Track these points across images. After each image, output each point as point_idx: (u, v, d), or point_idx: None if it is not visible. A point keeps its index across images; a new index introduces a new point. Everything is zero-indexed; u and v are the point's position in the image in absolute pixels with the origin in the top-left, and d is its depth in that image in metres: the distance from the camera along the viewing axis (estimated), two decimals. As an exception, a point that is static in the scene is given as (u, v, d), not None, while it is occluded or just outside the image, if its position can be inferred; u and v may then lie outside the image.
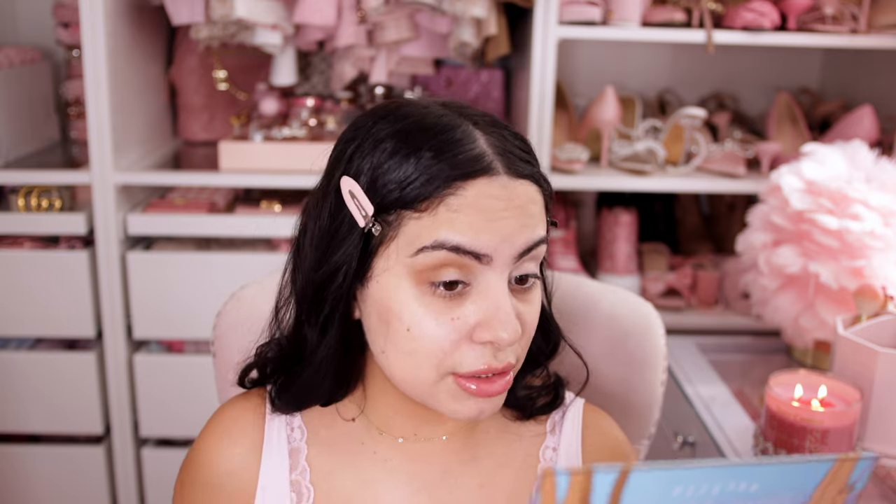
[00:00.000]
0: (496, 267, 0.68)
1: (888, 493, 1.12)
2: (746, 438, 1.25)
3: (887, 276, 1.32)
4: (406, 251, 0.68)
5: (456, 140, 0.69)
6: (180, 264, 1.66)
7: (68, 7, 1.89)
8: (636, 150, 1.78)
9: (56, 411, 1.71)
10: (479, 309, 0.68)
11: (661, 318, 1.07)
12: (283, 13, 1.65)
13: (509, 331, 0.68)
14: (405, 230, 0.68)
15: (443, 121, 0.71)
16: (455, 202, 0.67)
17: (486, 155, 0.69)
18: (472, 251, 0.67)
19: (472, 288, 0.69)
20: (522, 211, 0.69)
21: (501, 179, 0.69)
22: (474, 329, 0.69)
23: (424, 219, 0.67)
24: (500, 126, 0.73)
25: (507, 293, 0.69)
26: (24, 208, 1.65)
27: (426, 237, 0.67)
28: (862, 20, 1.68)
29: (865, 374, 1.16)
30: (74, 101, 1.96)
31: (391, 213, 0.69)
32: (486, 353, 0.69)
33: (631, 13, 1.66)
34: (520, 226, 0.69)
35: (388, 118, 0.72)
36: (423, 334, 0.68)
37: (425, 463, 0.80)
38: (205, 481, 0.80)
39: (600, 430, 0.85)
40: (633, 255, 1.92)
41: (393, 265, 0.69)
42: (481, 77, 2.03)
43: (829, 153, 1.43)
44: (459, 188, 0.67)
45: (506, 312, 0.68)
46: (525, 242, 0.69)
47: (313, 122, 1.78)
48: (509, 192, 0.69)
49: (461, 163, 0.68)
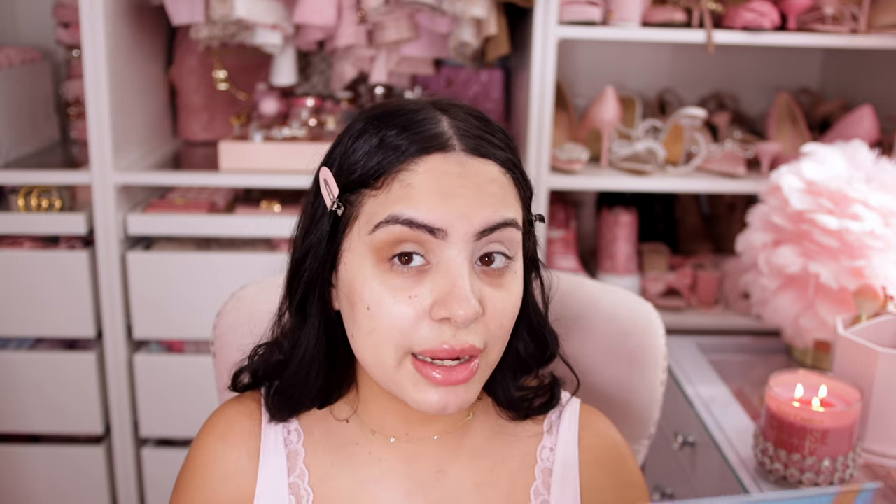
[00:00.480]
0: (454, 244, 0.68)
1: (888, 493, 1.12)
2: (746, 438, 1.25)
3: (887, 276, 1.32)
4: (365, 229, 0.69)
5: (417, 120, 0.71)
6: (180, 264, 1.66)
7: (68, 7, 1.89)
8: (636, 150, 1.78)
9: (56, 411, 1.71)
10: (435, 286, 0.68)
11: (661, 318, 1.07)
12: (283, 13, 1.65)
13: (465, 307, 0.67)
14: (365, 209, 0.70)
15: (409, 106, 0.73)
16: (408, 177, 0.68)
17: (444, 133, 0.70)
18: (425, 224, 0.67)
19: (432, 266, 0.69)
20: (481, 189, 0.69)
21: (458, 156, 0.69)
22: (432, 307, 0.68)
23: (380, 196, 0.69)
24: (477, 116, 0.74)
25: (466, 271, 0.68)
26: (24, 208, 1.65)
27: (381, 213, 0.68)
28: (862, 20, 1.68)
29: (865, 374, 1.16)
30: (74, 101, 1.96)
31: (354, 192, 0.71)
32: (444, 331, 0.68)
33: (631, 13, 1.66)
34: (478, 204, 0.68)
35: (366, 112, 0.75)
36: (381, 312, 0.69)
37: (419, 463, 0.79)
38: (202, 485, 0.80)
39: (597, 431, 0.84)
40: (633, 255, 1.92)
41: (355, 245, 0.71)
42: (481, 77, 2.03)
43: (829, 153, 1.43)
44: (412, 163, 0.68)
45: (461, 288, 0.67)
46: (485, 220, 0.69)
47: (313, 122, 1.78)
48: (465, 169, 0.69)
49: (417, 139, 0.69)
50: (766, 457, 1.12)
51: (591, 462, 0.82)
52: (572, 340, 1.06)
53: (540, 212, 1.67)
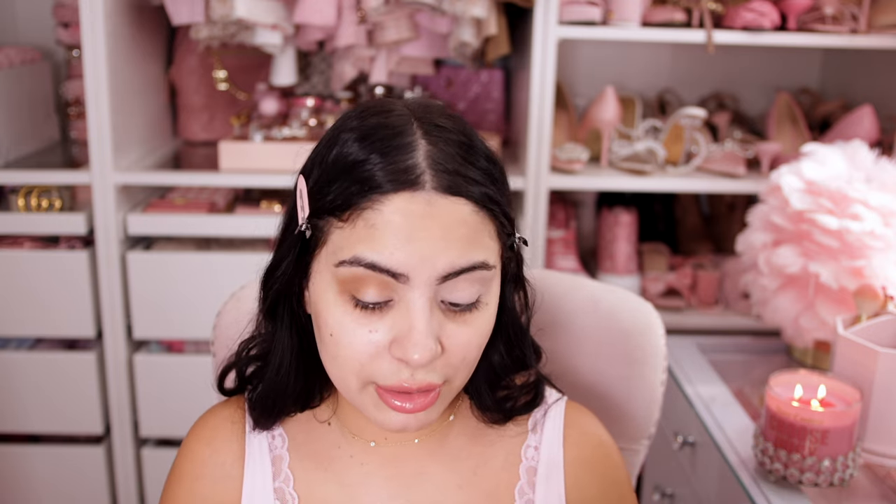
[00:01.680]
0: (416, 287, 0.66)
1: (888, 493, 1.12)
2: (746, 438, 1.25)
3: (887, 276, 1.32)
4: (331, 259, 0.68)
5: (394, 147, 0.67)
6: (180, 264, 1.66)
7: (68, 7, 1.89)
8: (636, 150, 1.78)
9: (56, 411, 1.71)
10: (395, 324, 0.67)
11: (661, 318, 1.07)
12: (283, 13, 1.65)
13: (420, 352, 0.66)
14: (332, 238, 0.68)
15: (392, 123, 0.69)
16: (372, 216, 0.66)
17: (416, 168, 0.66)
18: (387, 269, 0.65)
19: (395, 303, 0.68)
20: (448, 232, 0.66)
21: (426, 195, 0.65)
22: (391, 344, 0.68)
23: (346, 229, 0.67)
24: (462, 144, 0.70)
25: (427, 313, 0.66)
26: (24, 208, 1.65)
27: (346, 251, 0.67)
28: (862, 20, 1.68)
29: (865, 374, 1.16)
30: (74, 101, 1.96)
31: (322, 218, 0.69)
32: (402, 370, 0.68)
33: (631, 13, 1.66)
34: (443, 248, 0.66)
35: (354, 118, 0.72)
36: (342, 342, 0.69)
37: (400, 466, 0.79)
38: (190, 490, 0.80)
39: (582, 429, 0.83)
40: (633, 255, 1.92)
41: (323, 269, 0.70)
42: (481, 77, 2.03)
43: (829, 153, 1.43)
44: (377, 202, 0.65)
45: (420, 333, 0.66)
46: (449, 265, 0.66)
47: (313, 122, 1.78)
48: (433, 210, 0.65)
49: (386, 174, 0.66)
50: (766, 457, 1.12)
51: (575, 459, 0.82)
52: (572, 340, 1.06)
53: (539, 215, 1.68)
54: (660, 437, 1.51)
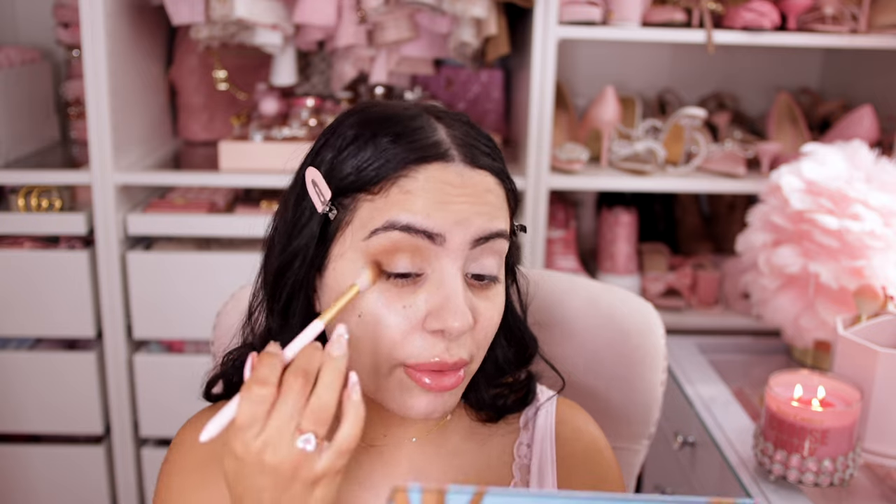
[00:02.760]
0: (450, 252, 0.68)
1: (888, 493, 1.12)
2: (746, 438, 1.25)
3: (887, 276, 1.32)
4: (360, 234, 0.68)
5: (416, 128, 0.70)
6: (180, 264, 1.66)
7: (68, 7, 1.89)
8: (636, 150, 1.78)
9: (56, 411, 1.71)
10: (430, 297, 0.68)
11: (661, 318, 1.07)
12: (283, 13, 1.65)
13: (460, 319, 0.67)
14: (360, 213, 0.69)
15: (406, 113, 0.72)
16: (407, 184, 0.68)
17: (443, 142, 0.70)
18: (423, 230, 0.67)
19: (426, 277, 0.69)
20: (478, 199, 0.69)
21: (457, 167, 0.69)
22: (425, 318, 0.68)
23: (377, 201, 0.68)
24: (468, 124, 0.74)
25: (461, 283, 0.69)
26: (24, 208, 1.65)
27: (378, 219, 0.67)
28: (862, 20, 1.68)
29: (865, 374, 1.16)
30: (74, 101, 1.96)
31: (347, 196, 0.69)
32: (437, 344, 0.68)
33: (631, 13, 1.66)
34: (475, 212, 0.68)
35: (357, 114, 0.74)
36: (373, 321, 0.68)
37: (397, 466, 0.79)
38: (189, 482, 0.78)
39: (574, 426, 0.84)
40: (633, 255, 1.92)
41: (347, 250, 0.69)
42: (481, 77, 2.03)
43: (829, 153, 1.43)
44: (412, 170, 0.68)
45: (457, 301, 0.67)
46: (481, 229, 0.69)
47: (313, 122, 1.77)
48: (464, 180, 0.69)
49: (417, 147, 0.68)
50: (766, 457, 1.12)
51: (567, 456, 0.82)
52: (572, 340, 1.06)
53: (539, 215, 1.68)
54: (660, 437, 1.51)
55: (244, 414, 0.60)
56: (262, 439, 0.60)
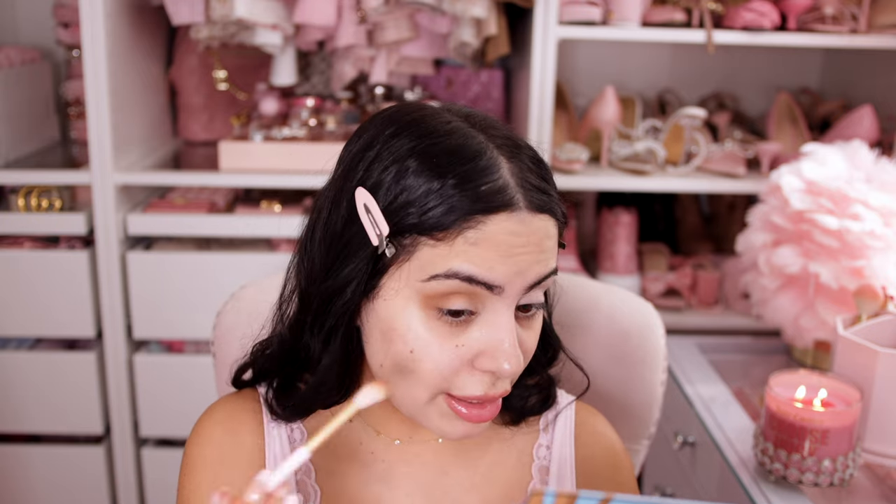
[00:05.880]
0: (506, 298, 0.68)
1: (888, 493, 1.12)
2: (746, 438, 1.25)
3: (887, 276, 1.32)
4: (417, 276, 0.68)
5: (481, 169, 0.67)
6: (180, 264, 1.66)
7: (68, 7, 1.89)
8: (636, 150, 1.78)
9: (56, 411, 1.71)
10: (483, 337, 0.69)
11: (661, 318, 1.07)
12: (283, 13, 1.65)
13: (513, 363, 0.68)
14: (419, 255, 0.67)
15: (469, 144, 0.69)
16: (473, 235, 0.66)
17: (508, 188, 0.67)
18: (484, 282, 0.67)
19: (479, 316, 0.69)
20: (538, 247, 0.69)
21: (521, 215, 0.67)
22: (476, 356, 0.69)
23: (440, 247, 0.67)
24: (520, 147, 0.72)
25: (514, 325, 0.69)
26: (24, 208, 1.65)
27: (440, 265, 0.67)
28: (862, 20, 1.68)
29: (865, 374, 1.16)
30: (74, 101, 1.96)
31: (406, 236, 0.68)
32: (484, 380, 0.69)
33: (631, 13, 1.66)
34: (534, 261, 0.68)
35: (410, 131, 0.70)
36: (425, 357, 0.69)
37: (421, 464, 0.80)
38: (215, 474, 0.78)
39: (593, 429, 0.85)
40: (633, 255, 1.92)
41: (402, 287, 0.69)
42: (481, 77, 2.03)
43: (829, 153, 1.43)
44: (479, 222, 0.66)
45: (511, 344, 0.68)
46: (536, 276, 0.69)
47: (313, 122, 1.77)
48: (527, 228, 0.68)
49: (483, 196, 0.66)
50: (766, 457, 1.12)
51: (586, 459, 0.83)
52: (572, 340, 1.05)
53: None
54: (660, 437, 1.51)
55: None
56: None
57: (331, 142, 1.69)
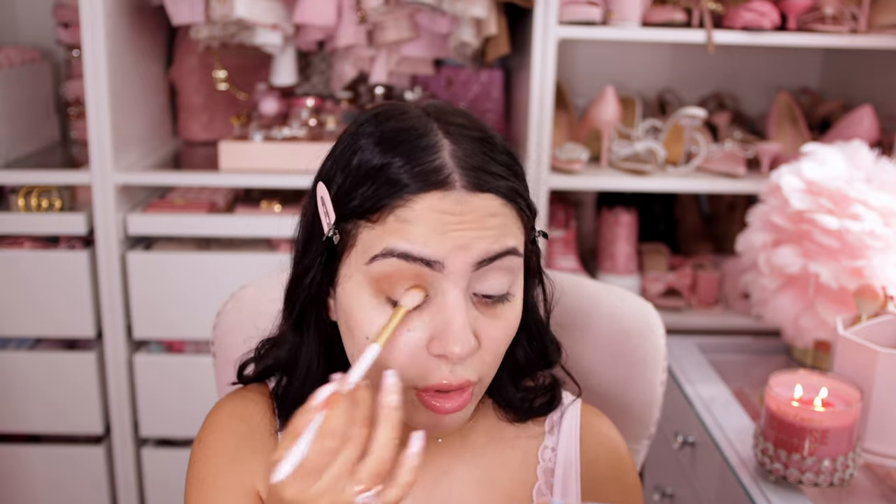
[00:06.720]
0: (451, 277, 0.67)
1: (888, 493, 1.12)
2: (746, 438, 1.25)
3: (887, 276, 1.32)
4: (362, 259, 0.69)
5: (420, 147, 0.68)
6: (180, 264, 1.66)
7: (68, 7, 1.89)
8: (636, 150, 1.78)
9: (56, 411, 1.71)
10: (433, 321, 0.68)
11: (661, 318, 1.07)
12: (283, 13, 1.65)
13: (461, 345, 0.67)
14: (361, 239, 0.69)
15: (412, 126, 0.70)
16: (403, 213, 0.67)
17: (444, 168, 0.67)
18: (420, 257, 0.66)
19: (430, 300, 0.68)
20: (480, 223, 0.67)
21: (457, 194, 0.67)
22: (429, 341, 0.68)
23: (377, 228, 0.68)
24: (483, 139, 0.71)
25: (463, 306, 0.68)
26: (24, 208, 1.65)
27: (377, 245, 0.67)
28: (862, 20, 1.68)
29: (865, 374, 1.16)
30: (74, 101, 1.96)
31: (349, 222, 0.69)
32: (442, 367, 0.69)
33: (631, 13, 1.66)
34: (476, 237, 0.67)
35: (370, 122, 0.72)
36: (386, 346, 0.68)
37: (424, 464, 0.79)
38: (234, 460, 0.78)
39: (598, 431, 0.85)
40: (633, 255, 1.92)
41: (353, 273, 0.70)
42: (481, 77, 2.03)
43: (829, 153, 1.43)
44: (409, 200, 0.67)
45: (458, 326, 0.67)
46: (483, 251, 0.68)
47: (313, 122, 1.78)
48: (464, 207, 0.67)
49: (417, 175, 0.67)
50: (766, 457, 1.12)
51: (591, 461, 0.83)
52: (572, 341, 1.05)
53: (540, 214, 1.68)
54: (660, 437, 1.51)
55: (311, 462, 0.60)
56: (317, 489, 0.60)
57: (331, 142, 1.68)
